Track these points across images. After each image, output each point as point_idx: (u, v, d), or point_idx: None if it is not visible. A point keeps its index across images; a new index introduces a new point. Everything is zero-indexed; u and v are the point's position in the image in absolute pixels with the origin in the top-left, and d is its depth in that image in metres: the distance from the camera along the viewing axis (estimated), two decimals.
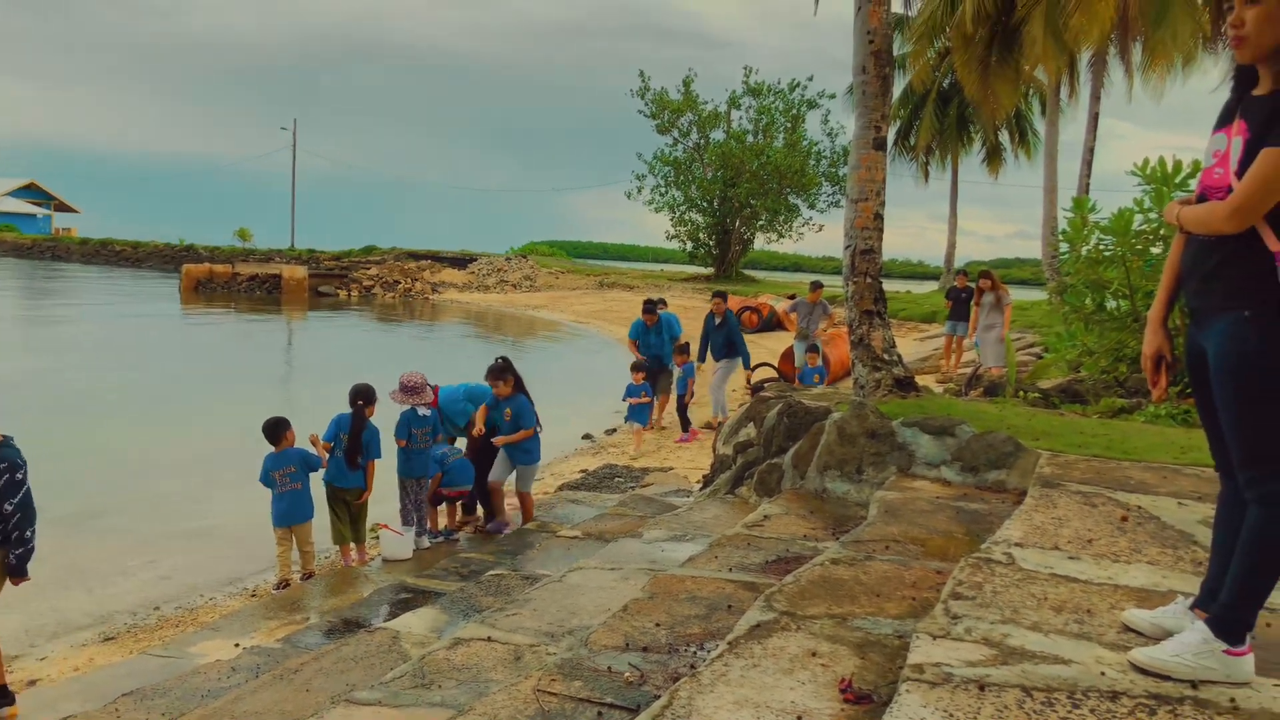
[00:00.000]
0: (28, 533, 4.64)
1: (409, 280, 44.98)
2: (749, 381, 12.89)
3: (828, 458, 5.41)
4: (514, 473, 7.53)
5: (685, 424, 11.85)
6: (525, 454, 7.49)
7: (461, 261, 48.46)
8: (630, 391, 11.39)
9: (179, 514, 8.79)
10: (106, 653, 5.69)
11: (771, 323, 25.81)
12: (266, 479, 6.82)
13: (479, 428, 7.35)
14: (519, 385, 7.41)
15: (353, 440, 6.89)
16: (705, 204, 41.37)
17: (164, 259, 57.52)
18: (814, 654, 2.79)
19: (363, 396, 7.00)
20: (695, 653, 3.29)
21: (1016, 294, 17.95)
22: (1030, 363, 12.64)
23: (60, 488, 9.54)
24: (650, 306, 12.50)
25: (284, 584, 6.70)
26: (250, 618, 5.83)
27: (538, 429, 7.49)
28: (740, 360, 12.06)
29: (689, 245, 43.17)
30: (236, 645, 5.17)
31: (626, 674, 3.12)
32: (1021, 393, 8.28)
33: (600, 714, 2.87)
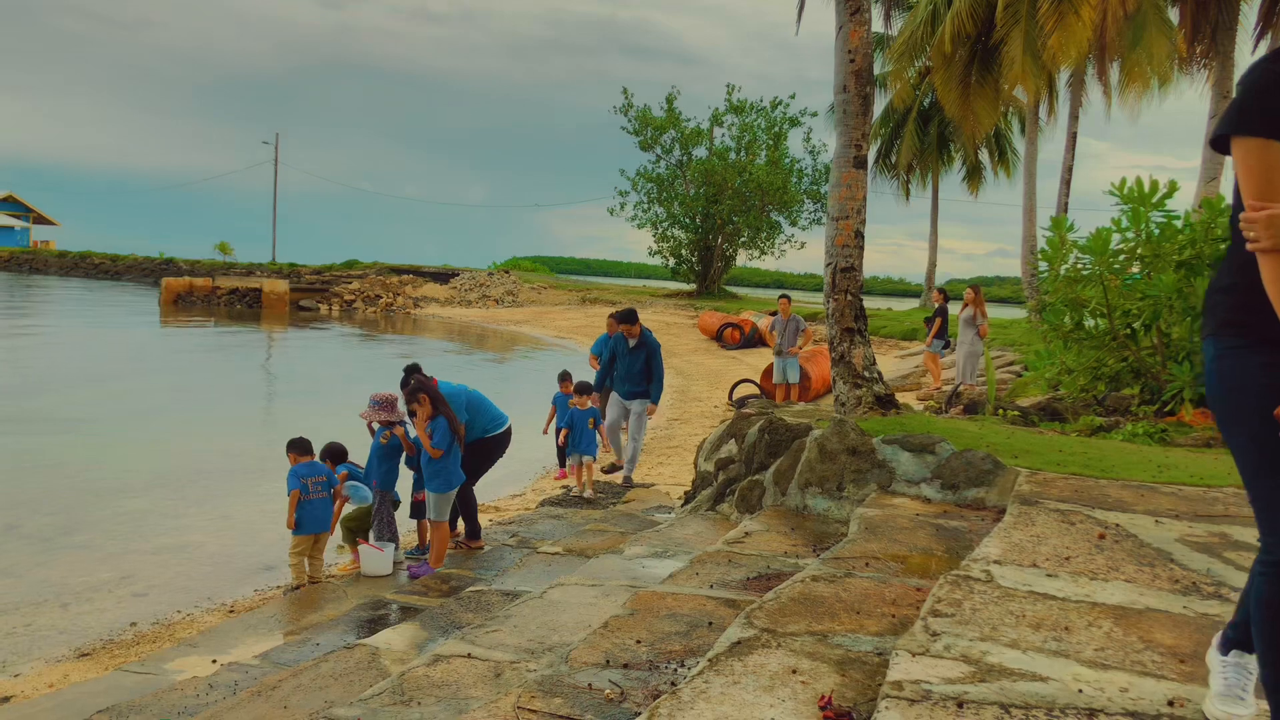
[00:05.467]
0: None
1: (390, 295, 44.88)
2: (731, 398, 12.88)
3: (809, 474, 5.43)
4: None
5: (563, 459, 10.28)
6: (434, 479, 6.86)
7: (444, 276, 48.39)
8: (576, 417, 9.27)
9: (154, 530, 8.70)
10: (82, 669, 5.62)
11: (754, 339, 25.89)
12: (297, 484, 6.88)
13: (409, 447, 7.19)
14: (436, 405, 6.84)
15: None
16: (688, 220, 41.51)
17: (143, 272, 57.20)
18: (794, 671, 2.79)
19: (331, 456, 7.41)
20: (676, 670, 3.29)
21: (996, 312, 18.11)
22: (1010, 381, 12.74)
23: (34, 504, 9.47)
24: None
25: (296, 588, 6.77)
26: (228, 633, 5.78)
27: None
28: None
29: (671, 261, 43.28)
30: (214, 661, 5.12)
31: (607, 691, 3.12)
32: (1001, 411, 8.34)
33: None
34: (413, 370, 7.39)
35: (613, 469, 10.02)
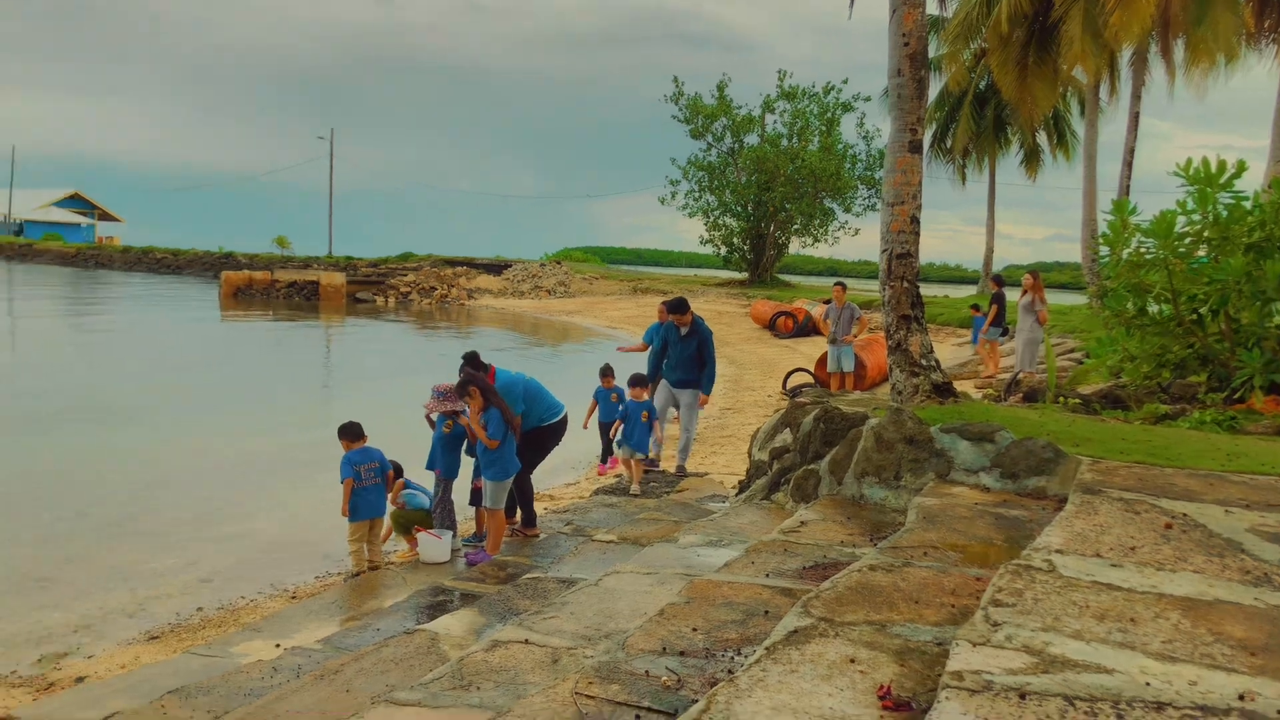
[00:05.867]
0: None
1: (445, 286, 45.33)
2: (785, 387, 12.77)
3: (865, 464, 5.38)
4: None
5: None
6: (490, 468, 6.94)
7: (496, 268, 48.78)
8: (631, 410, 8.94)
9: (218, 518, 8.91)
10: (151, 651, 5.78)
11: (807, 328, 25.71)
12: (350, 472, 6.99)
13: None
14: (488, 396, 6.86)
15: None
16: (739, 209, 41.31)
17: (204, 266, 58.44)
18: (852, 660, 2.78)
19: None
20: (732, 658, 3.29)
21: (1055, 298, 17.76)
22: (1070, 368, 12.50)
23: (101, 492, 9.75)
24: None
25: (357, 574, 6.90)
26: (290, 618, 5.90)
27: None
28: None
29: (723, 250, 43.12)
30: (278, 645, 5.23)
31: (664, 678, 3.13)
32: (1062, 398, 8.19)
33: (638, 717, 2.88)
34: (471, 358, 7.44)
35: (651, 465, 9.65)
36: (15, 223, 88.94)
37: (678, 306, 9.72)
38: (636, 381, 9.08)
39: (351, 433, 7.15)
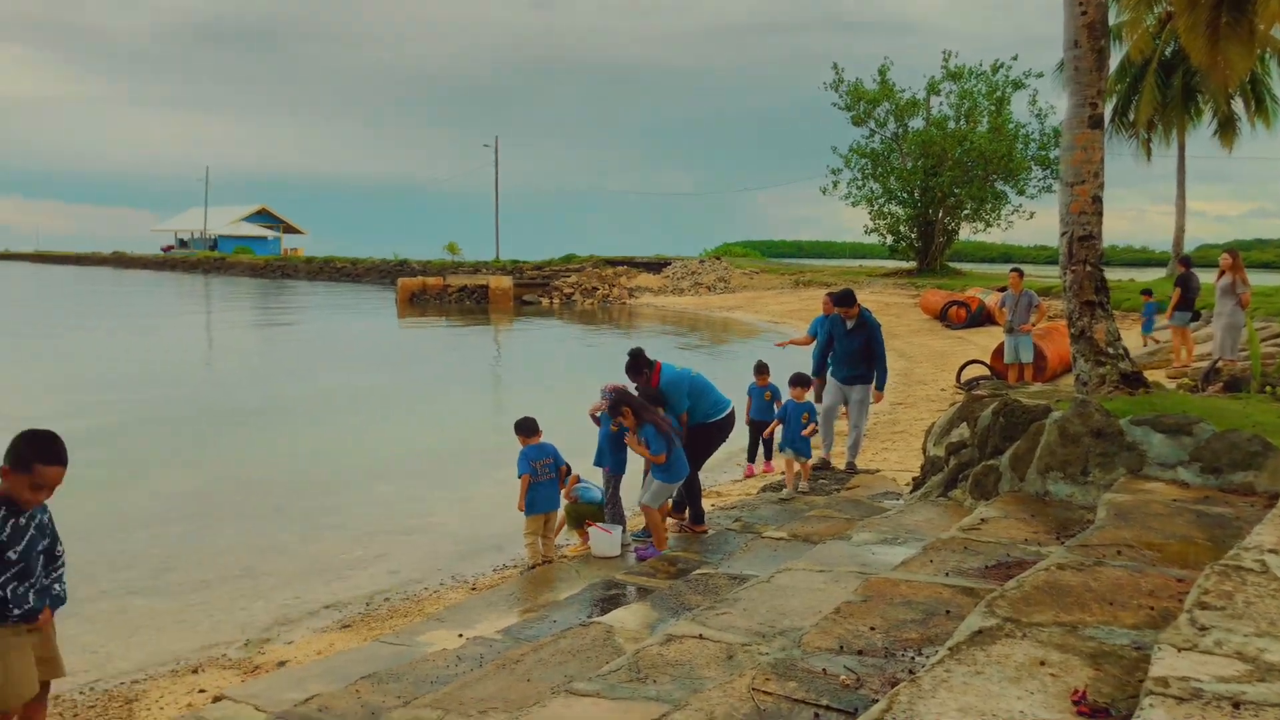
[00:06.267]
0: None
1: (606, 286, 46.08)
2: (959, 380, 12.34)
3: (1049, 459, 5.14)
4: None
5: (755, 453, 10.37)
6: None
7: (656, 266, 49.20)
8: (790, 411, 8.51)
9: (402, 512, 9.37)
10: (344, 639, 6.13)
11: (981, 318, 24.72)
12: (527, 468, 7.20)
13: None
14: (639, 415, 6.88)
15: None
16: (905, 195, 40.09)
17: (380, 274, 61.43)
18: (1042, 663, 2.65)
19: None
20: (913, 658, 3.21)
21: (1258, 279, 16.44)
22: (1277, 354, 11.54)
23: (295, 487, 10.44)
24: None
25: (532, 567, 7.11)
26: (471, 609, 6.14)
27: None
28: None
29: (889, 239, 41.96)
30: (460, 635, 5.45)
31: (842, 676, 3.08)
32: (1269, 388, 7.57)
33: (817, 715, 2.85)
34: (636, 355, 7.52)
35: (822, 465, 9.37)
36: (210, 238, 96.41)
37: (844, 299, 9.49)
38: (797, 381, 8.66)
39: (527, 428, 7.35)
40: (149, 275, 75.99)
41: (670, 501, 7.60)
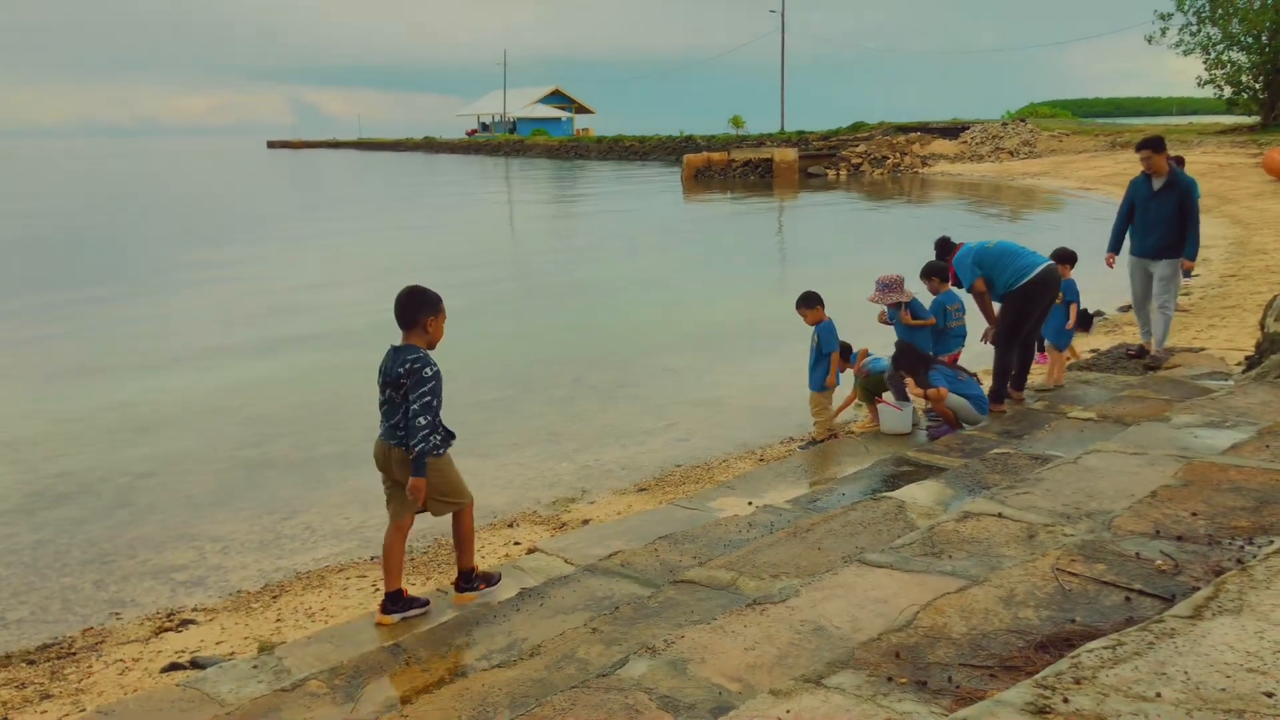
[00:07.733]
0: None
1: (897, 155, 44.09)
2: None
3: None
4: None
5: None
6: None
7: (952, 131, 46.38)
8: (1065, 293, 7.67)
9: (692, 385, 9.69)
10: (641, 501, 6.51)
11: None
12: (838, 345, 7.20)
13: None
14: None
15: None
16: (1250, 40, 34.82)
17: (666, 151, 62.26)
18: None
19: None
20: (1242, 547, 2.95)
21: None
22: None
23: (594, 360, 11.05)
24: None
25: (814, 443, 7.20)
26: (760, 479, 6.30)
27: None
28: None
29: (1227, 91, 36.80)
30: (750, 504, 5.62)
31: (1159, 562, 2.89)
32: None
33: (1128, 599, 2.70)
34: (942, 244, 7.29)
35: (1140, 353, 8.41)
36: (510, 121, 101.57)
37: (1152, 143, 8.19)
38: (1063, 258, 7.79)
39: (809, 301, 7.26)
40: (456, 159, 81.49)
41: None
